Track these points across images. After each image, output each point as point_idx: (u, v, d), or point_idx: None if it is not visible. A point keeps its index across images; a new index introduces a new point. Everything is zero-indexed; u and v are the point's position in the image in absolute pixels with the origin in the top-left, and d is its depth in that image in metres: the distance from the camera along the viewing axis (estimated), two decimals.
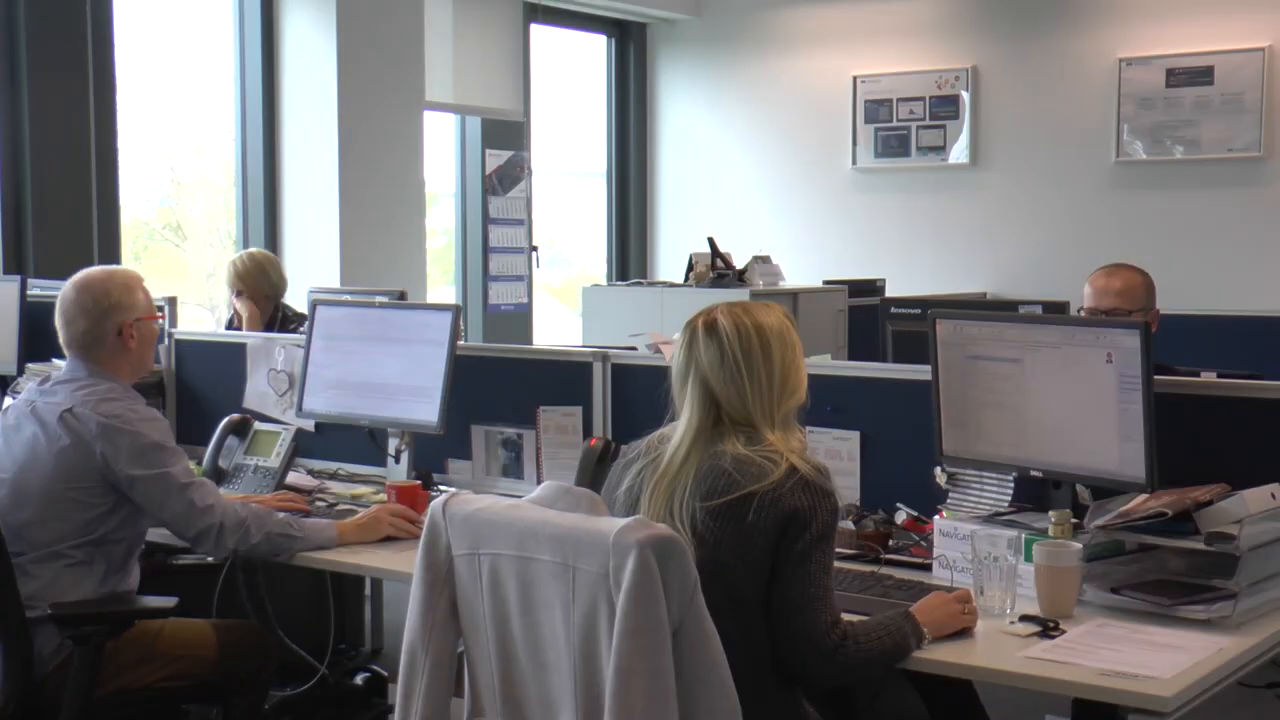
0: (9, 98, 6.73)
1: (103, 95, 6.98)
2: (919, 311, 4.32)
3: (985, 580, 2.88)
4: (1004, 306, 5.77)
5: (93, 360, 3.50)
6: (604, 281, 10.15)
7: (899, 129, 9.38)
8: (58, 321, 3.54)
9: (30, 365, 5.02)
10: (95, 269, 3.68)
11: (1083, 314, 4.05)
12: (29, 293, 5.35)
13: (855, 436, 3.66)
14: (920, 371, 3.52)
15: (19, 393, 4.42)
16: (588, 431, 4.05)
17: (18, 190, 6.77)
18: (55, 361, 4.76)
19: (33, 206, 6.74)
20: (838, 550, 2.82)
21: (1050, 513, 3.06)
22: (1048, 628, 2.75)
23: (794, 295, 7.14)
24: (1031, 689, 2.59)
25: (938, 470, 3.44)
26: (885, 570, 3.20)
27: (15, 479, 3.41)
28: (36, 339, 5.22)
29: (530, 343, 8.93)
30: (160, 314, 3.70)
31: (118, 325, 3.51)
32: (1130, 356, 3.04)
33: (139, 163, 7.68)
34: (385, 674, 4.90)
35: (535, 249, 9.54)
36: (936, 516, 3.26)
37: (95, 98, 6.92)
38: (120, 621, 3.31)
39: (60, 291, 3.58)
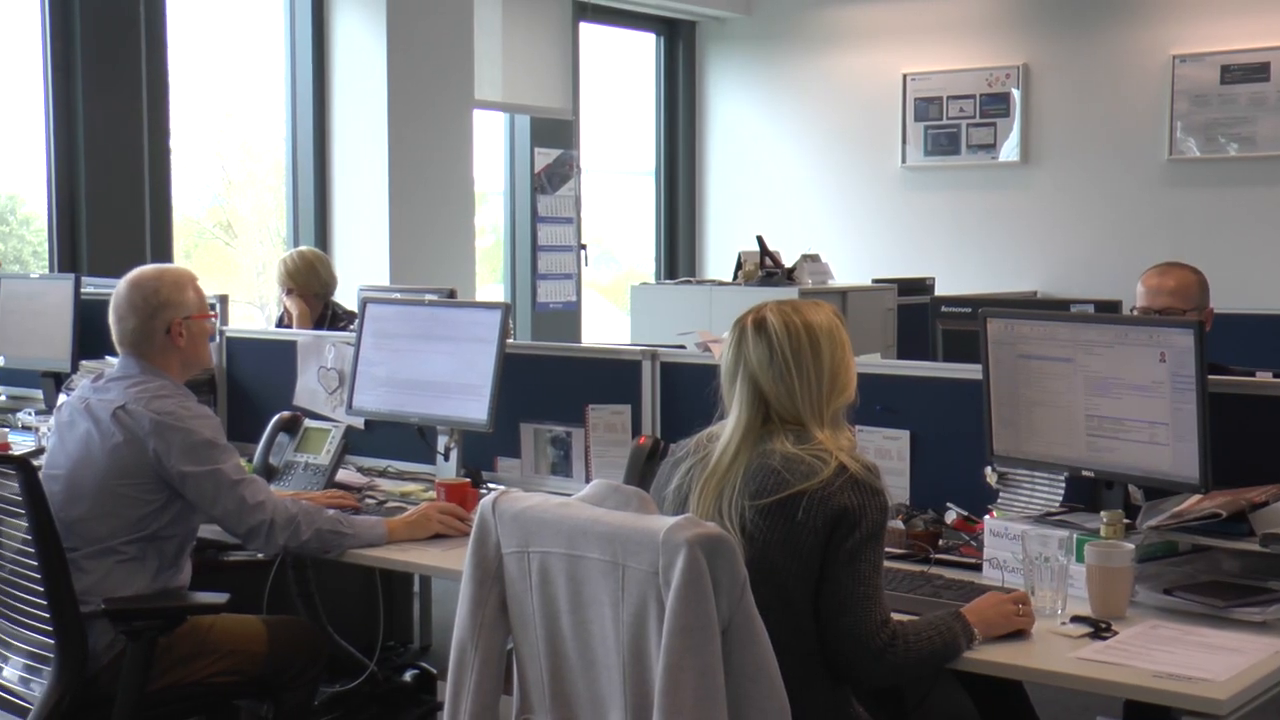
0: (64, 98, 6.79)
1: (155, 95, 7.04)
2: (969, 310, 4.30)
3: (1036, 581, 2.86)
4: (1055, 305, 5.73)
5: (144, 357, 3.52)
6: (652, 280, 10.16)
7: (949, 127, 9.33)
8: (111, 319, 3.57)
9: (84, 363, 5.07)
10: (148, 267, 3.70)
11: (1136, 313, 4.02)
12: (82, 291, 5.40)
13: (905, 436, 3.64)
14: (970, 370, 3.49)
15: (73, 390, 4.46)
16: (636, 430, 4.05)
17: (72, 190, 6.84)
18: (108, 359, 4.81)
19: (86, 205, 6.81)
20: (887, 549, 2.81)
21: (1102, 513, 3.03)
22: (1100, 629, 2.73)
23: (843, 294, 7.12)
24: (1083, 690, 2.57)
25: (988, 470, 3.42)
26: (935, 570, 3.18)
27: (69, 475, 3.44)
28: (90, 337, 5.27)
29: (578, 341, 8.93)
30: (213, 313, 3.71)
31: (166, 323, 3.52)
32: (1184, 356, 3.01)
33: (190, 162, 7.74)
34: (434, 671, 4.92)
35: (584, 247, 9.54)
36: (987, 516, 3.24)
37: (148, 97, 6.98)
38: (173, 617, 3.33)
39: (114, 289, 3.61)
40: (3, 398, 5.55)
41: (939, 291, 7.84)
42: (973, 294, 7.18)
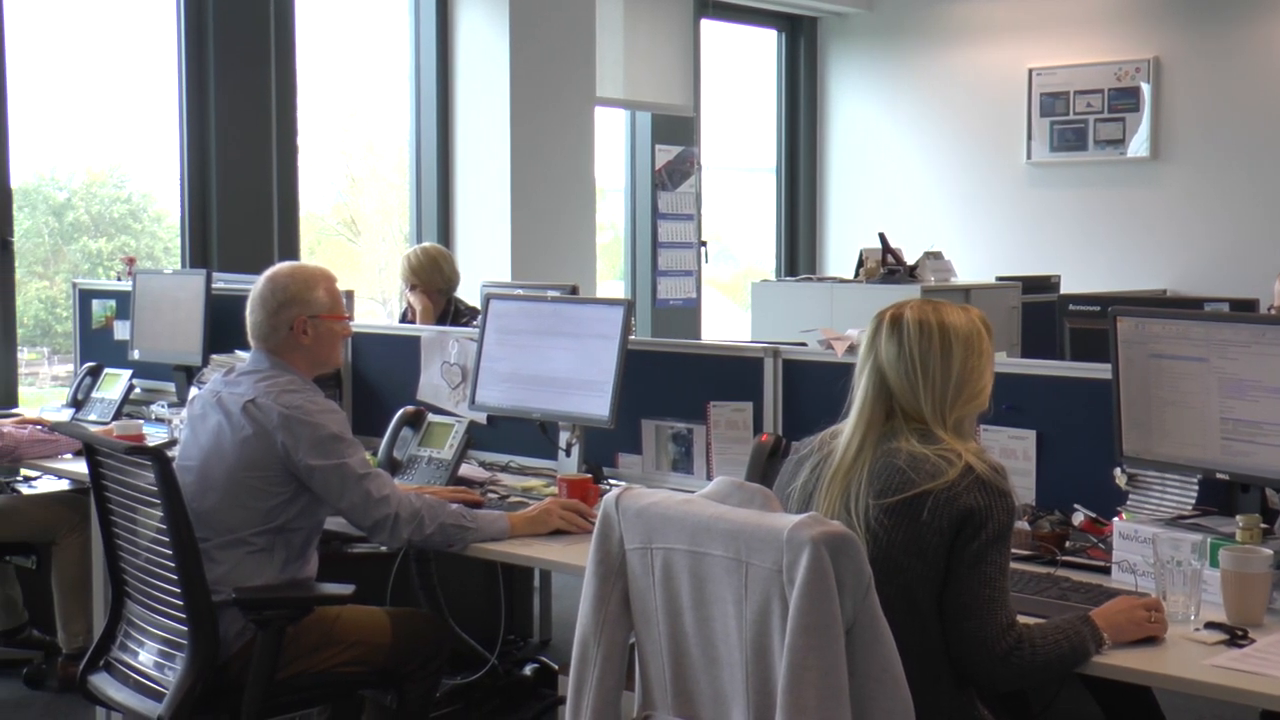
0: (197, 98, 6.94)
1: (284, 95, 7.17)
2: (1098, 309, 4.23)
3: (1168, 585, 2.80)
4: (1188, 304, 5.61)
5: (272, 352, 3.58)
6: (772, 277, 10.12)
7: (1076, 122, 9.19)
8: (247, 312, 3.64)
9: (214, 357, 5.16)
10: (286, 263, 3.76)
11: (1273, 312, 3.92)
12: (213, 286, 5.50)
13: (1031, 436, 3.59)
14: (1099, 370, 3.44)
15: (204, 383, 4.54)
16: (758, 427, 4.03)
17: (204, 187, 6.98)
18: (238, 353, 4.90)
19: (217, 203, 6.95)
20: (1012, 551, 2.77)
21: (1238, 517, 2.97)
22: (1235, 636, 2.67)
23: (966, 291, 7.03)
24: (1217, 699, 2.51)
25: (1117, 471, 3.36)
26: (1062, 572, 3.13)
27: (201, 466, 3.50)
28: (220, 331, 5.37)
29: (698, 338, 8.93)
30: (347, 315, 3.74)
31: (290, 320, 3.57)
32: None
33: (315, 159, 7.86)
34: (554, 665, 4.95)
35: (704, 244, 9.54)
36: (1116, 518, 3.18)
37: (277, 98, 7.10)
38: (300, 607, 3.38)
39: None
40: (137, 390, 5.67)
41: (1064, 289, 7.72)
42: (1100, 292, 7.06)
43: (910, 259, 7.37)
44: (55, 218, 7.23)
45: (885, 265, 7.28)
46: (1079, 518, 3.40)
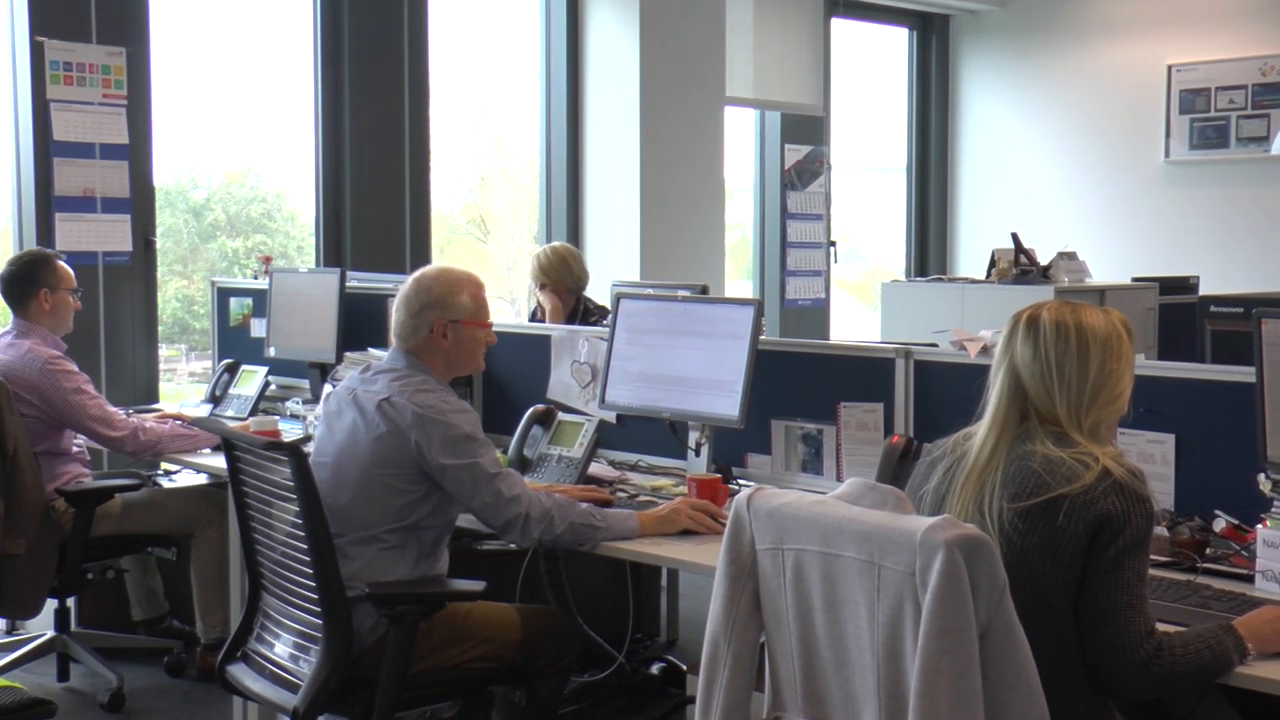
0: (332, 100, 7.06)
1: (417, 97, 7.26)
2: (1241, 310, 4.14)
3: None
4: None
5: (411, 352, 3.62)
6: (901, 277, 10.04)
7: (1217, 119, 8.98)
8: (392, 309, 3.69)
9: (348, 354, 5.24)
10: (434, 266, 3.81)
11: None
12: (346, 285, 5.58)
13: (1170, 440, 3.51)
14: (1241, 373, 3.36)
15: (338, 380, 4.61)
16: (889, 428, 4.00)
17: (338, 187, 7.10)
18: (372, 351, 4.97)
19: (351, 203, 7.06)
20: (1151, 558, 2.71)
21: None
22: None
23: (1101, 292, 6.91)
24: None
25: (1261, 477, 3.27)
26: (1202, 580, 3.07)
27: (335, 463, 3.55)
28: (354, 328, 5.46)
29: (826, 338, 8.88)
30: (490, 322, 3.76)
31: (431, 322, 3.61)
32: None
33: (446, 159, 7.94)
34: (682, 665, 4.95)
35: (833, 244, 9.48)
36: (1259, 525, 3.10)
37: (410, 99, 7.20)
38: (433, 602, 3.41)
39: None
40: (273, 387, 5.77)
41: (1203, 291, 7.55)
42: (1241, 293, 6.90)
43: (1043, 259, 7.26)
44: (194, 217, 7.40)
45: (1018, 266, 7.18)
46: (1220, 524, 3.32)
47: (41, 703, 2.92)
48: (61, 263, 5.12)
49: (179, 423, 5.13)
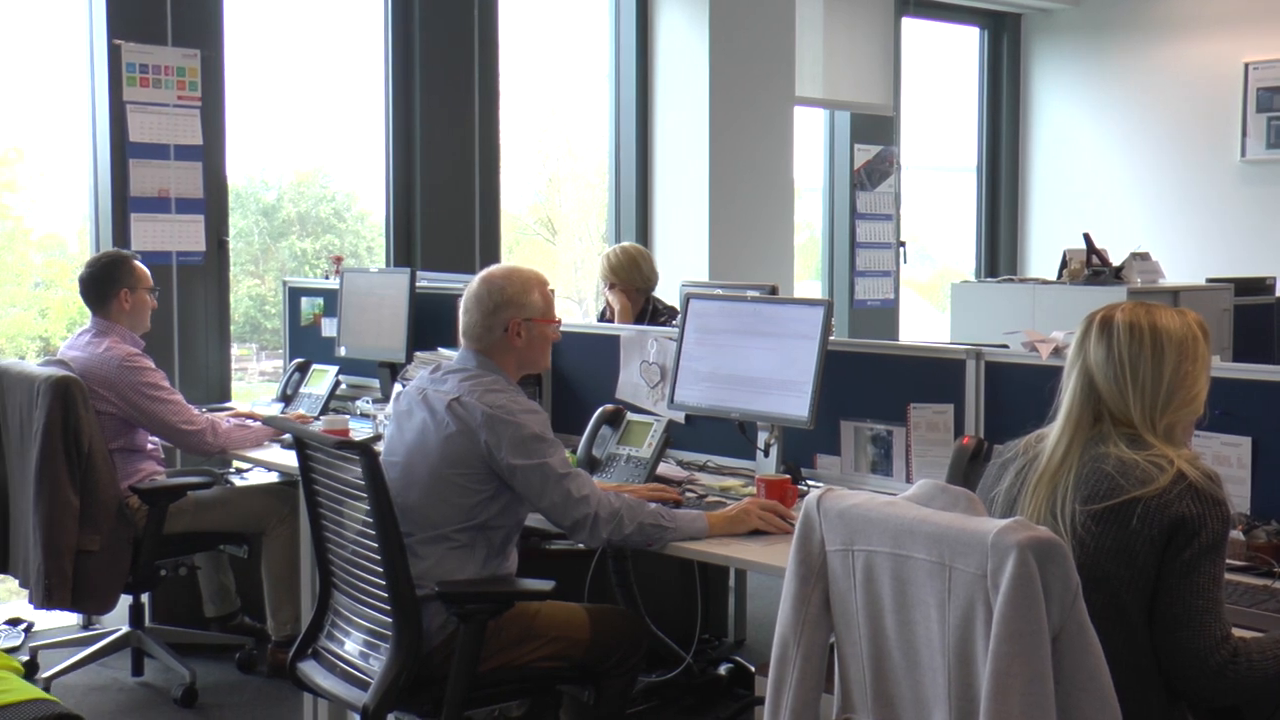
0: (403, 101, 7.11)
1: (487, 97, 7.29)
2: None
3: None
4: None
5: (482, 352, 3.64)
6: (971, 278, 9.97)
7: None
8: (460, 310, 3.70)
9: (418, 354, 5.26)
10: (502, 265, 3.83)
11: None
12: (417, 285, 5.61)
13: (1246, 442, 3.46)
14: None
15: (408, 379, 4.63)
16: (959, 430, 3.98)
17: (408, 187, 7.15)
18: (441, 350, 4.99)
19: (421, 203, 7.10)
20: (1227, 562, 2.68)
21: None
22: None
23: (1174, 293, 6.84)
24: None
25: None
26: (1279, 585, 3.02)
27: (405, 462, 3.58)
28: (424, 328, 5.49)
29: (896, 339, 8.84)
30: (558, 319, 3.78)
31: (505, 321, 3.63)
32: None
33: (514, 159, 7.97)
34: (750, 666, 4.94)
35: (903, 244, 9.43)
36: None
37: (480, 99, 7.23)
38: (502, 601, 3.43)
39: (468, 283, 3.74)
40: (343, 386, 5.81)
41: (1279, 292, 7.46)
42: None
43: (1116, 260, 7.19)
44: (265, 217, 7.46)
45: (1090, 266, 7.11)
46: None
47: (72, 717, 2.96)
48: (139, 263, 5.19)
49: (251, 420, 5.19)
